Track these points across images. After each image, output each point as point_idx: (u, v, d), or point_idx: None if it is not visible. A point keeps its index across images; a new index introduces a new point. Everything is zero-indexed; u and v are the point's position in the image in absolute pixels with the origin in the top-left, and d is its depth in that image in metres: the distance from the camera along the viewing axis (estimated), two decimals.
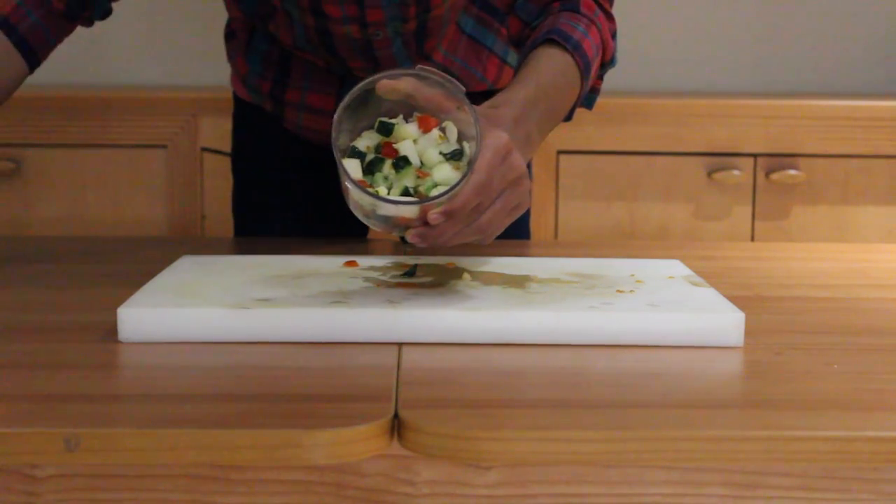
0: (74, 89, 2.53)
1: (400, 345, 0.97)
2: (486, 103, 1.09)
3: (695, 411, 0.83)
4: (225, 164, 2.18)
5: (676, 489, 0.83)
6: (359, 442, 0.77)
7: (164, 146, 2.38)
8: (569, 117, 1.26)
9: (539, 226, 2.32)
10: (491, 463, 0.82)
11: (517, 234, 1.58)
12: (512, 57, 1.46)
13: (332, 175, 1.52)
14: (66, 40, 1.33)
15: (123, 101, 2.37)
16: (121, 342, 0.96)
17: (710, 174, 2.37)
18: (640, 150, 2.34)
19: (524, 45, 1.27)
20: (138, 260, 1.29)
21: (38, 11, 1.27)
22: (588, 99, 1.30)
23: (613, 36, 1.28)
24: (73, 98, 2.38)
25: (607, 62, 1.28)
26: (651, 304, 1.01)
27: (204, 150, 2.39)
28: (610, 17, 1.28)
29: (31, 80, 1.38)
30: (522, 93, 1.13)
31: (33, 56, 1.28)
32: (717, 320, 0.98)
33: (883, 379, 0.91)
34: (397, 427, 0.79)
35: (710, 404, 0.85)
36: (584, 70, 1.21)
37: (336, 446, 0.76)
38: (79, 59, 2.68)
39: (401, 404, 0.81)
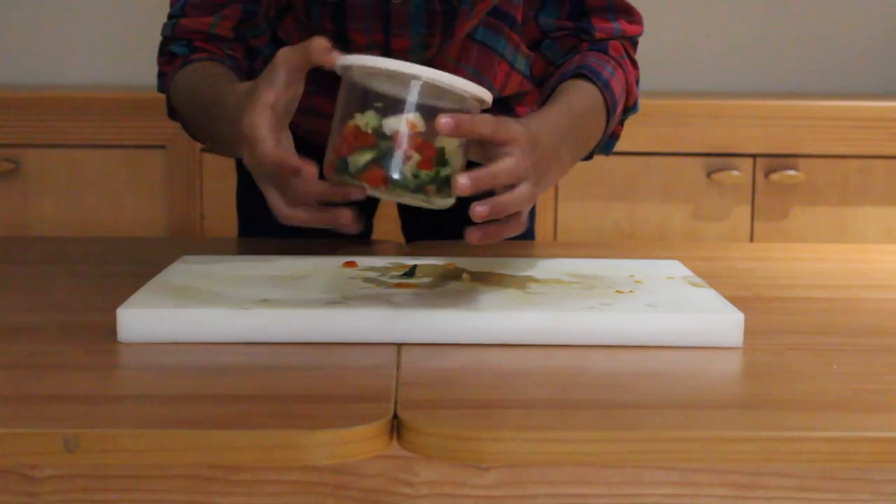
0: (74, 89, 2.53)
1: (399, 345, 0.97)
2: (518, 121, 1.08)
3: (694, 412, 0.83)
4: (224, 165, 2.18)
5: (676, 489, 0.83)
6: (358, 442, 0.77)
7: (163, 146, 2.38)
8: (589, 156, 1.26)
9: (539, 226, 2.32)
10: (490, 463, 0.82)
11: (521, 236, 1.58)
12: (520, 62, 1.46)
13: None
14: (66, 41, 1.34)
15: (123, 101, 2.37)
16: (120, 342, 0.96)
17: (709, 174, 2.37)
18: (639, 150, 2.34)
19: (549, 80, 1.27)
20: (138, 260, 1.29)
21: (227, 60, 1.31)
22: (607, 144, 1.30)
23: (637, 82, 1.29)
24: (73, 98, 2.38)
25: (630, 107, 1.29)
26: (650, 305, 1.01)
27: (203, 150, 2.39)
28: (635, 65, 1.29)
29: (31, 80, 1.38)
30: (555, 116, 1.13)
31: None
32: (717, 321, 0.98)
33: (883, 379, 0.91)
34: (396, 427, 0.79)
35: (710, 405, 0.85)
36: (611, 108, 1.22)
37: (335, 447, 0.76)
38: (79, 59, 2.68)
39: (400, 405, 0.81)
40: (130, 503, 0.83)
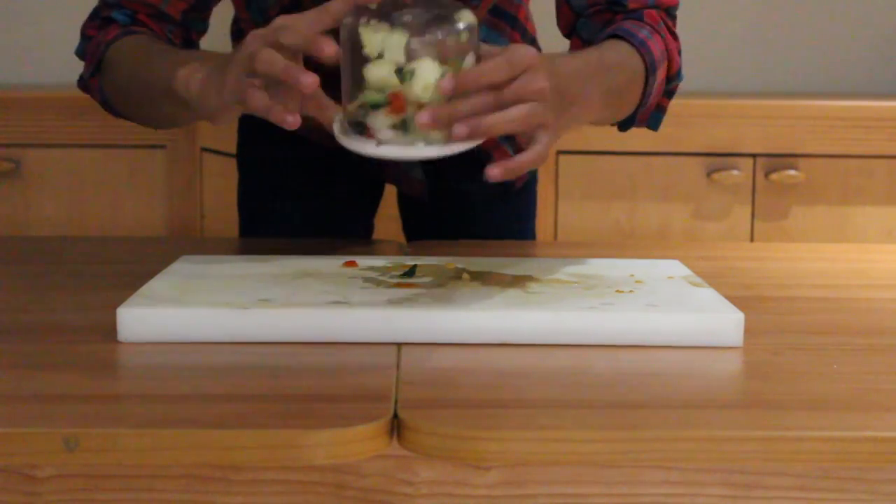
0: (74, 89, 2.53)
1: (399, 345, 0.97)
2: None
3: (694, 411, 0.83)
4: (224, 164, 2.19)
5: (676, 489, 0.83)
6: (358, 442, 0.77)
7: (163, 146, 2.38)
8: (627, 123, 1.23)
9: (539, 226, 2.32)
10: (490, 463, 0.82)
11: (521, 235, 1.58)
12: None
13: (339, 177, 1.53)
14: (66, 41, 1.34)
15: None
16: (120, 342, 0.96)
17: (709, 174, 2.37)
18: (639, 150, 2.34)
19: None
20: (138, 260, 1.29)
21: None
22: (654, 118, 1.26)
23: (679, 53, 1.25)
24: (73, 98, 2.38)
25: (673, 75, 1.25)
26: (650, 305, 1.01)
27: (203, 150, 2.39)
28: (675, 37, 1.26)
29: (31, 79, 1.38)
30: (581, 55, 1.10)
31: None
32: (717, 320, 0.98)
33: (883, 379, 0.91)
34: (396, 427, 0.79)
35: (710, 404, 0.85)
36: (649, 66, 1.18)
37: (335, 446, 0.76)
38: (78, 59, 2.68)
39: (400, 404, 0.81)
40: (130, 503, 0.83)
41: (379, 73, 0.94)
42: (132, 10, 1.27)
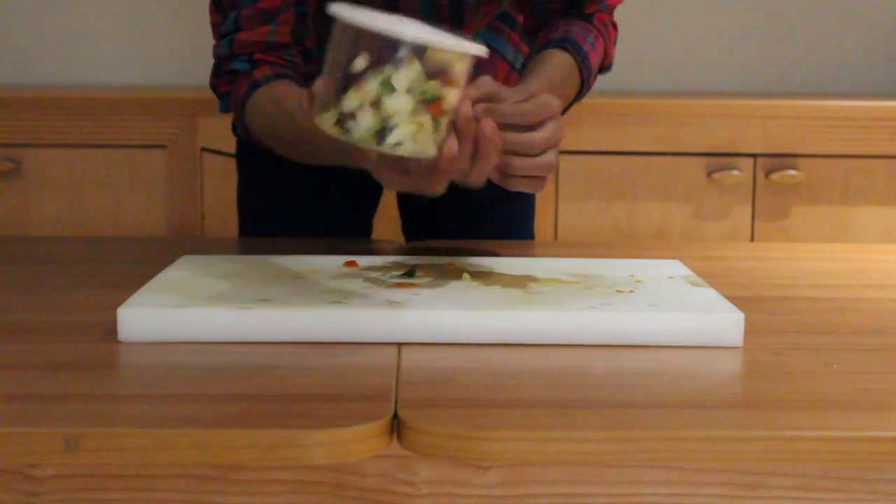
0: (74, 89, 2.53)
1: (399, 345, 0.97)
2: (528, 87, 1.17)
3: (695, 411, 0.83)
4: (224, 165, 2.19)
5: (676, 489, 0.84)
6: (358, 442, 0.77)
7: (163, 146, 2.38)
8: None
9: (539, 226, 2.32)
10: (490, 463, 0.83)
11: (520, 235, 1.58)
12: (519, 62, 1.47)
13: (338, 177, 1.53)
14: (66, 41, 1.34)
15: (123, 101, 2.37)
16: (120, 342, 0.96)
17: (709, 174, 2.37)
18: (639, 150, 2.34)
19: (536, 38, 1.36)
20: (138, 260, 1.29)
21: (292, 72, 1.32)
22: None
23: (614, 43, 1.39)
24: (73, 98, 2.39)
25: (605, 67, 1.38)
26: (651, 305, 1.01)
27: (203, 150, 2.39)
28: (615, 27, 1.39)
29: (31, 80, 1.38)
30: (536, 83, 1.21)
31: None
32: (717, 320, 0.98)
33: (883, 379, 0.91)
34: (397, 427, 0.79)
35: (710, 404, 0.85)
36: (584, 80, 1.32)
37: (335, 446, 0.76)
38: (78, 59, 2.68)
39: (400, 404, 0.81)
40: (130, 503, 0.83)
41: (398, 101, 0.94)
42: (247, 52, 1.29)
